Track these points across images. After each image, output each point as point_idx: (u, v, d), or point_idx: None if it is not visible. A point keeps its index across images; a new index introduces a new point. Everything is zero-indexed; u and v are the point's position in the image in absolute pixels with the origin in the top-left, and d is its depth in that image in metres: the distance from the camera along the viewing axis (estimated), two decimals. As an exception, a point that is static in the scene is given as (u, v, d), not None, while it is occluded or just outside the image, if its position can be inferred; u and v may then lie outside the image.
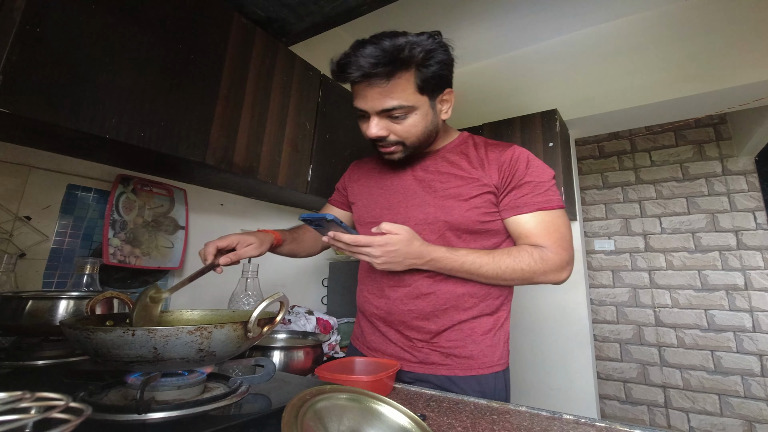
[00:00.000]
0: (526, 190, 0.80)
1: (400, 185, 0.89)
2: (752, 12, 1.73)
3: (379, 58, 0.69)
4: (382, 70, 0.70)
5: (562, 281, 0.79)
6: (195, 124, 1.07)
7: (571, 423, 0.57)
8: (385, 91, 0.73)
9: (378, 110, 0.75)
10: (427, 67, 0.74)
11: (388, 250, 0.72)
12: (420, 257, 0.75)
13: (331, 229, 0.72)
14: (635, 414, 2.64)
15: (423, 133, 0.80)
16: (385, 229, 0.72)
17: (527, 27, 2.14)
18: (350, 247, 0.73)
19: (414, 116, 0.77)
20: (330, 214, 0.68)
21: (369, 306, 0.90)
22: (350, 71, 0.71)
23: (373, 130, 0.77)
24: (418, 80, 0.74)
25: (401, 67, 0.72)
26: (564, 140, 1.99)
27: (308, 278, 1.92)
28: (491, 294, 0.83)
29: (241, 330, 0.50)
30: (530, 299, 2.16)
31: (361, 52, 0.70)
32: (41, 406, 0.29)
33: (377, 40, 0.71)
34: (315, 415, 0.40)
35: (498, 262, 0.76)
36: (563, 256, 0.77)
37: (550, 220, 0.79)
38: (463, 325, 0.81)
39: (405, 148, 0.82)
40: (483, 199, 0.81)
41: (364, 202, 0.95)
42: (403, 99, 0.74)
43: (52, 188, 1.08)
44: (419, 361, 0.82)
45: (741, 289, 2.47)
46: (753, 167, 2.58)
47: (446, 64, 0.77)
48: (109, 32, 0.89)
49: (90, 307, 0.63)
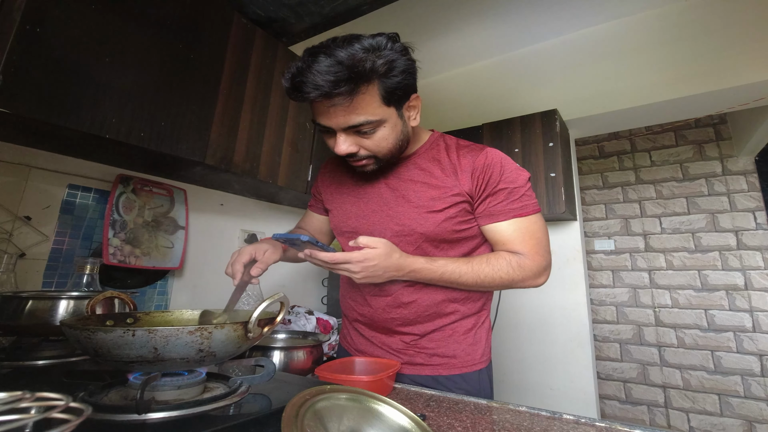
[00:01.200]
0: (501, 198, 0.78)
1: (373, 194, 0.86)
2: (752, 12, 1.73)
3: (338, 75, 0.62)
4: (344, 88, 0.63)
5: (540, 284, 0.81)
6: (195, 124, 1.07)
7: (571, 423, 0.57)
8: (349, 108, 0.67)
9: (344, 127, 0.70)
10: (390, 78, 0.68)
11: (366, 266, 0.70)
12: (399, 269, 0.74)
13: (306, 248, 0.70)
14: (635, 414, 2.64)
15: (395, 145, 0.76)
16: (363, 243, 0.70)
17: (527, 27, 2.14)
18: (328, 265, 0.71)
19: (383, 129, 0.72)
20: (305, 236, 0.66)
21: (352, 313, 0.91)
22: (307, 91, 0.64)
23: (342, 147, 0.72)
24: (383, 91, 0.68)
25: (363, 81, 0.65)
26: (564, 140, 1.99)
27: (308, 278, 1.92)
28: (471, 298, 0.84)
29: (242, 330, 0.50)
30: (530, 299, 2.16)
31: (315, 67, 0.62)
32: (41, 406, 0.29)
33: (330, 51, 0.63)
34: (315, 415, 0.40)
35: (477, 271, 0.76)
36: (540, 262, 0.78)
37: (526, 226, 0.79)
38: (446, 326, 0.83)
39: (377, 161, 0.78)
40: (457, 209, 0.79)
41: (339, 210, 0.92)
42: (369, 114, 0.69)
43: (52, 188, 1.08)
44: (405, 362, 0.84)
45: (741, 289, 2.47)
46: (753, 167, 2.58)
47: (410, 72, 0.71)
48: (109, 32, 0.89)
49: (90, 307, 0.63)
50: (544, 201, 1.86)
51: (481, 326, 0.86)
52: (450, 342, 0.83)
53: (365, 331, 0.89)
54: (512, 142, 2.00)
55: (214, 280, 1.46)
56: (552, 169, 1.87)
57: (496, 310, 2.03)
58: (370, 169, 0.80)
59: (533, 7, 1.99)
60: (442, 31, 2.17)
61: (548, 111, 1.95)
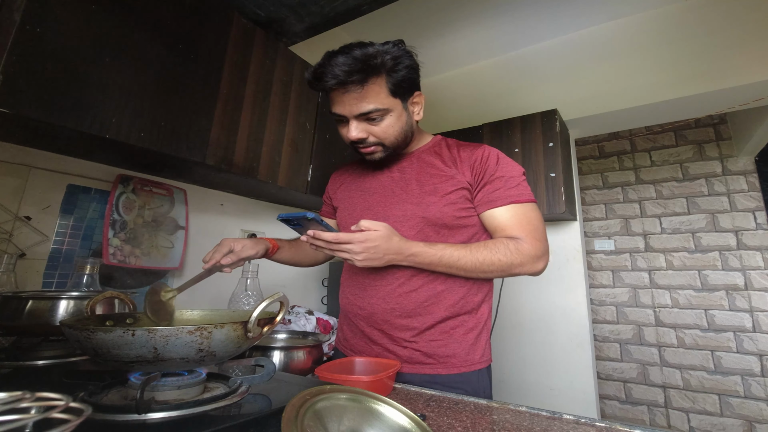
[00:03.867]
0: (498, 185, 0.84)
1: (377, 186, 0.93)
2: (752, 12, 1.73)
3: (352, 66, 0.75)
4: (357, 77, 0.76)
5: (539, 271, 0.83)
6: (195, 124, 1.07)
7: (571, 423, 0.57)
8: (360, 96, 0.78)
9: (356, 114, 0.80)
10: (396, 72, 0.79)
11: (367, 246, 0.74)
12: (399, 252, 0.78)
13: (311, 228, 0.73)
14: (635, 414, 2.64)
15: (400, 133, 0.85)
16: (364, 226, 0.74)
17: (527, 27, 2.14)
18: (330, 245, 0.74)
19: (390, 117, 0.82)
20: (311, 212, 0.71)
21: (352, 307, 0.92)
22: (326, 79, 0.76)
23: (353, 133, 0.82)
24: (390, 84, 0.80)
25: (373, 73, 0.77)
26: (564, 140, 1.99)
27: (308, 278, 1.92)
28: (471, 290, 0.86)
29: (241, 330, 0.50)
30: (530, 299, 2.16)
31: (334, 61, 0.76)
32: (41, 406, 0.29)
33: (348, 51, 0.77)
34: (315, 415, 0.40)
35: (475, 254, 0.79)
36: (538, 246, 0.81)
37: (522, 212, 0.83)
38: (445, 324, 0.84)
39: (385, 148, 0.86)
40: (458, 195, 0.85)
41: (345, 205, 0.99)
42: (378, 102, 0.79)
43: (52, 188, 1.08)
44: (403, 360, 0.84)
45: (741, 289, 2.47)
46: (753, 167, 2.58)
47: (413, 69, 0.83)
48: (109, 32, 0.89)
49: (90, 307, 0.63)
50: (544, 201, 1.86)
51: (483, 327, 0.88)
52: (450, 342, 0.84)
53: (364, 327, 0.89)
54: (512, 142, 2.00)
55: (214, 280, 1.46)
56: (552, 169, 1.87)
57: (496, 310, 2.04)
58: (378, 157, 0.87)
59: (533, 7, 1.99)
60: (442, 31, 2.17)
61: (548, 111, 1.95)
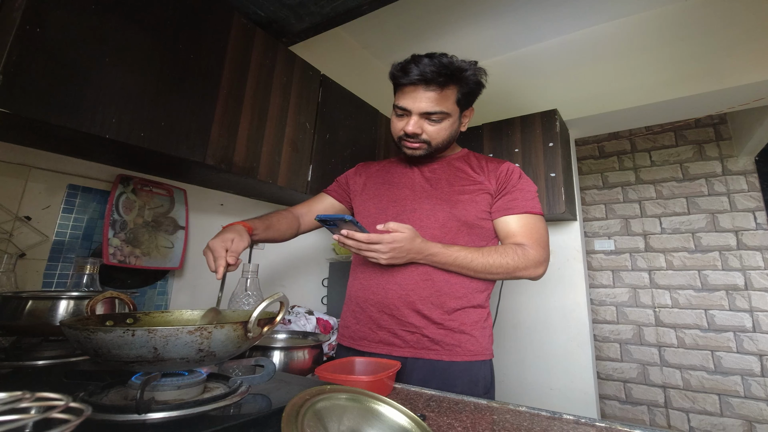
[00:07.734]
0: (517, 196, 0.94)
1: (407, 182, 1.01)
2: (752, 12, 1.73)
3: (440, 69, 0.84)
4: (442, 79, 0.85)
5: (539, 276, 0.91)
6: (195, 124, 1.07)
7: (571, 423, 0.57)
8: (436, 97, 0.87)
9: (422, 111, 0.88)
10: (468, 86, 0.90)
11: (394, 247, 0.82)
12: (420, 252, 0.86)
13: (347, 228, 0.80)
14: (635, 414, 2.64)
15: (447, 137, 0.94)
16: (392, 228, 0.81)
17: (527, 27, 2.14)
18: (361, 245, 0.81)
19: (446, 122, 0.92)
20: (349, 216, 0.78)
21: (364, 292, 0.95)
22: (412, 73, 0.85)
23: (411, 127, 0.90)
24: (459, 95, 0.90)
25: (453, 81, 0.87)
26: (564, 140, 1.99)
27: (308, 278, 1.92)
28: (478, 288, 0.93)
29: (241, 330, 0.50)
30: (530, 299, 2.16)
31: (422, 61, 0.85)
32: (41, 406, 0.29)
33: (434, 57, 0.86)
34: (315, 415, 0.40)
35: (486, 257, 0.88)
36: (541, 253, 0.90)
37: (532, 223, 0.92)
38: (454, 315, 0.90)
39: (429, 147, 0.94)
40: (482, 198, 0.94)
41: (370, 194, 1.05)
42: (446, 107, 0.89)
43: (52, 188, 1.08)
44: (409, 345, 0.88)
45: (741, 289, 2.47)
46: (753, 167, 2.58)
47: (480, 86, 0.93)
48: (109, 32, 0.89)
49: (90, 307, 0.63)
50: (544, 201, 1.85)
51: (485, 321, 0.94)
52: (456, 332, 0.88)
53: (373, 312, 0.92)
54: (512, 142, 2.00)
55: (214, 280, 1.45)
56: (552, 169, 1.87)
57: (497, 310, 2.04)
58: (419, 153, 0.95)
59: (533, 7, 1.98)
60: (442, 31, 2.17)
61: (548, 111, 1.95)
